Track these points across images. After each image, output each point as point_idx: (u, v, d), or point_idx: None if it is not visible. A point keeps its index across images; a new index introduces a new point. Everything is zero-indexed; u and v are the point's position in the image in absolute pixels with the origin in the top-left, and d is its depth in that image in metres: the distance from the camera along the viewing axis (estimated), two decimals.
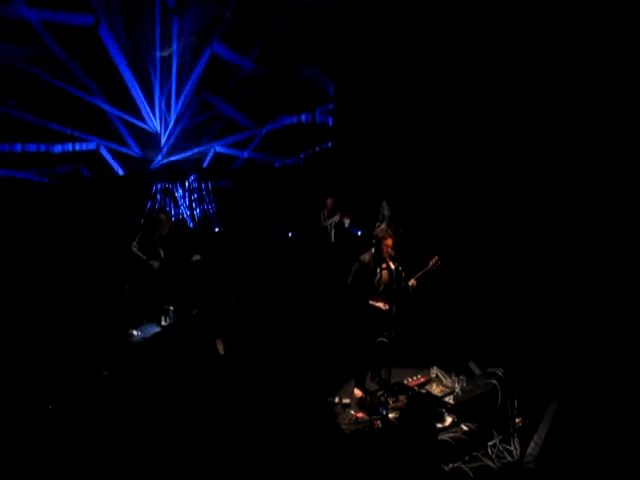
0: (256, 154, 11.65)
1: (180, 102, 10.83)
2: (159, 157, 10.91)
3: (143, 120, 10.61)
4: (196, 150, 11.15)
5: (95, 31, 9.50)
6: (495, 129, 9.13)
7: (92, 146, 10.14)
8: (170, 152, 11.01)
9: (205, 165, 11.36)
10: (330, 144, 12.02)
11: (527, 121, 8.64)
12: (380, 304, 5.46)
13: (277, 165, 11.87)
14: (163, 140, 10.90)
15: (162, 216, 7.57)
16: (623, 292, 6.87)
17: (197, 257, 7.89)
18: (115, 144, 10.41)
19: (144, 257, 7.08)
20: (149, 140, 10.80)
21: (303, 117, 11.84)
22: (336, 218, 8.85)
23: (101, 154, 10.21)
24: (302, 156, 11.93)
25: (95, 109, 9.96)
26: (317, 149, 12.00)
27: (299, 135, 11.84)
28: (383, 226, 8.23)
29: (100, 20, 9.49)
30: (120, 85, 10.11)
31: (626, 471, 4.50)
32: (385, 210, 8.87)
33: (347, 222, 8.89)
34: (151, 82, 10.50)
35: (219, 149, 11.37)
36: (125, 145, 10.54)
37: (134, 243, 7.14)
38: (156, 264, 7.13)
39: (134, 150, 10.65)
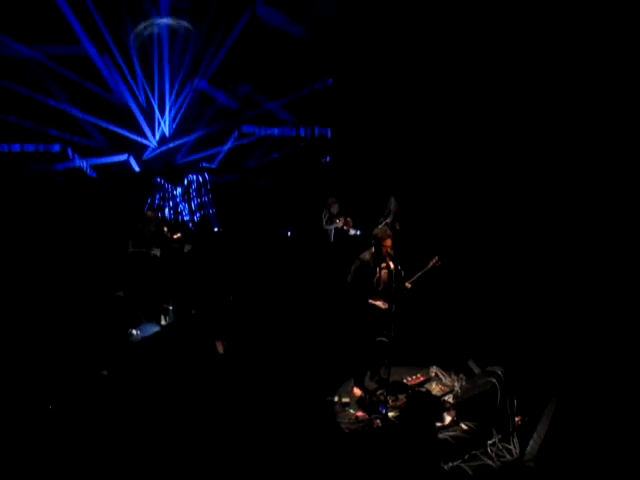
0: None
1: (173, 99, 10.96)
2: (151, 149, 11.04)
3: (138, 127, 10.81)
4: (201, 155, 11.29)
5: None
6: (496, 130, 9.14)
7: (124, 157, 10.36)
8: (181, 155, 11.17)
9: (215, 164, 11.49)
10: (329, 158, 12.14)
11: (527, 121, 8.65)
12: (379, 303, 5.46)
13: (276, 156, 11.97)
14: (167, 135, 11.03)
15: (149, 213, 7.62)
16: (623, 292, 6.88)
17: (188, 247, 7.90)
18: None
19: (143, 250, 7.10)
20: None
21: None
22: (340, 223, 8.69)
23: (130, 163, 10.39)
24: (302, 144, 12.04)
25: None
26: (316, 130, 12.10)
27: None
28: (387, 223, 8.24)
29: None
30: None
31: (626, 471, 4.50)
32: (392, 205, 8.82)
33: (351, 232, 8.69)
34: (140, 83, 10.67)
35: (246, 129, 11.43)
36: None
37: (130, 246, 7.16)
38: (157, 252, 7.17)
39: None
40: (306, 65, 11.28)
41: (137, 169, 10.80)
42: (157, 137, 11.01)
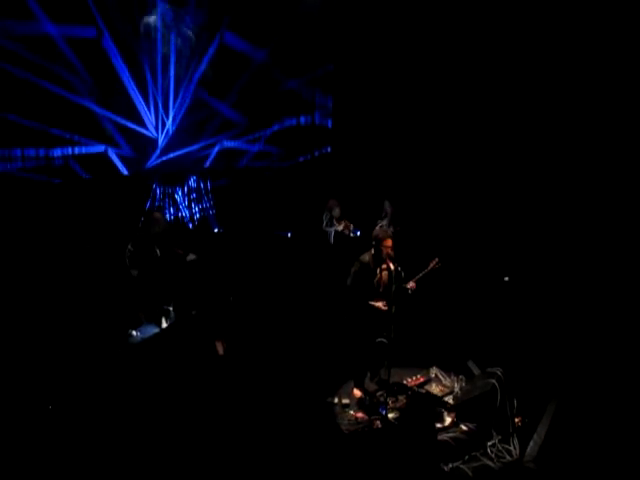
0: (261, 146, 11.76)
1: (178, 101, 10.90)
2: (155, 155, 10.96)
3: (142, 124, 10.71)
4: (196, 147, 11.21)
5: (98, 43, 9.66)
6: (495, 129, 9.14)
7: (100, 149, 10.23)
8: (168, 151, 11.07)
9: (207, 164, 11.41)
10: (329, 149, 12.08)
11: (527, 121, 8.66)
12: (379, 304, 5.46)
13: (276, 166, 11.92)
14: (160, 140, 10.96)
15: (157, 214, 7.51)
16: (622, 292, 6.88)
17: (192, 257, 7.84)
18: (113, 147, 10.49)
19: (127, 264, 7.04)
20: (147, 141, 10.88)
21: (302, 119, 11.91)
22: (340, 226, 8.66)
23: (109, 157, 10.29)
24: (301, 160, 12.00)
25: (92, 112, 10.06)
26: (316, 153, 12.07)
27: (298, 135, 11.91)
28: (383, 226, 8.23)
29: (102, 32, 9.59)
30: (121, 90, 10.22)
31: (626, 471, 4.51)
32: (387, 208, 8.82)
33: (351, 235, 8.65)
34: (148, 84, 10.57)
35: (227, 144, 11.42)
36: (122, 147, 10.62)
37: (129, 246, 7.11)
38: (135, 272, 7.07)
39: (130, 150, 10.71)
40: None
41: (120, 166, 10.55)
42: (161, 135, 10.93)
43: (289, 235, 10.61)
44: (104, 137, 10.33)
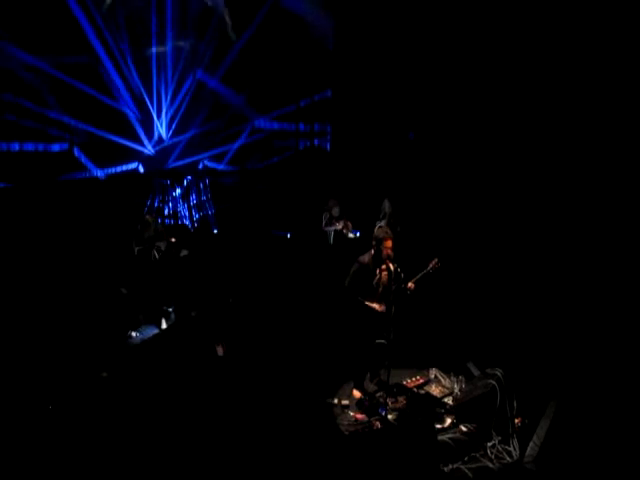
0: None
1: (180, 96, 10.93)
2: (170, 160, 11.01)
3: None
4: (200, 156, 11.27)
5: None
6: (495, 129, 9.14)
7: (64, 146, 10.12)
8: (177, 156, 11.11)
9: (200, 167, 11.45)
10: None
11: (527, 121, 8.66)
12: (375, 305, 5.45)
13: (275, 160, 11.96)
14: (165, 138, 10.97)
15: (147, 217, 7.54)
16: (622, 292, 6.89)
17: (185, 252, 7.84)
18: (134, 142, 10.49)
19: (147, 245, 7.05)
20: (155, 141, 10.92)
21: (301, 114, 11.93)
22: (339, 226, 8.66)
23: (75, 155, 10.22)
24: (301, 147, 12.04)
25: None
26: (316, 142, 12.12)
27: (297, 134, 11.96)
28: (382, 226, 8.22)
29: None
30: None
31: (626, 471, 4.51)
32: (387, 208, 8.81)
33: (350, 235, 8.67)
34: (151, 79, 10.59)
35: (207, 163, 11.50)
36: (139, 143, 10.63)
37: (133, 244, 7.14)
38: (162, 245, 7.11)
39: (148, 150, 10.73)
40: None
41: (90, 166, 10.41)
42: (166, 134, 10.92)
43: (288, 236, 10.61)
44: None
